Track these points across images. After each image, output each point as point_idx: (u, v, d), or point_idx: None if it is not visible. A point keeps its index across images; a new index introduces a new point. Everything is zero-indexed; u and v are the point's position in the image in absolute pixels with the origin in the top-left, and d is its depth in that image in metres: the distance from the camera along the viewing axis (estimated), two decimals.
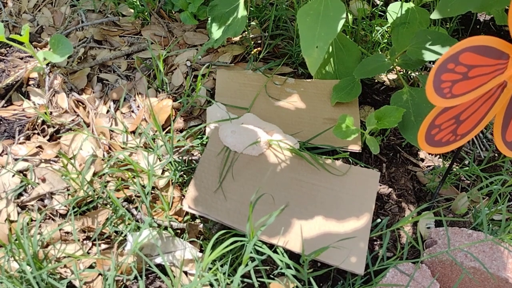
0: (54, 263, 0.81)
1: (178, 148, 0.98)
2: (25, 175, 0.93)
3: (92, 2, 1.27)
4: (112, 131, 1.02)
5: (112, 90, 1.09)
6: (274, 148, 0.93)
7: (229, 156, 0.91)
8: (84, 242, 0.85)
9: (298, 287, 0.76)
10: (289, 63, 1.15)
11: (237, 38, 1.20)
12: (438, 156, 1.03)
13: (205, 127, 1.00)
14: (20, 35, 1.04)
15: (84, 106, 1.06)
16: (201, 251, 0.85)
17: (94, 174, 0.93)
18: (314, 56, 0.85)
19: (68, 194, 0.90)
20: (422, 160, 1.02)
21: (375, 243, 0.88)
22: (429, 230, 0.86)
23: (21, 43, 1.10)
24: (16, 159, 0.94)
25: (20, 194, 0.90)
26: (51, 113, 1.03)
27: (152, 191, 0.91)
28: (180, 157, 0.95)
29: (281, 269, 0.78)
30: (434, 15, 0.88)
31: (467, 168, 0.98)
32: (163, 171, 0.94)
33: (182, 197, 0.91)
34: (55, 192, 0.90)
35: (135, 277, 0.82)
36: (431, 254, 0.80)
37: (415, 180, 0.99)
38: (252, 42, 1.19)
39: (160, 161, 0.95)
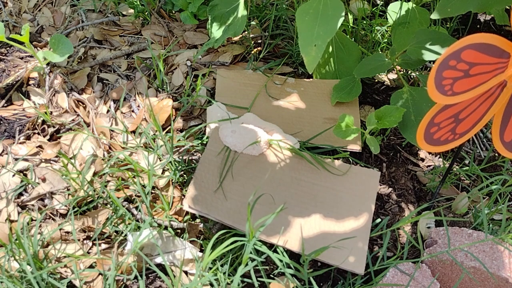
0: (54, 263, 0.81)
1: (178, 148, 0.98)
2: (25, 175, 0.93)
3: (92, 1, 1.27)
4: (112, 130, 1.02)
5: (112, 90, 1.09)
6: (274, 147, 0.93)
7: (229, 156, 0.91)
8: (84, 242, 0.85)
9: (298, 287, 0.76)
10: (289, 62, 1.15)
11: (237, 38, 1.20)
12: (438, 155, 1.03)
13: (205, 127, 1.00)
14: (20, 34, 1.04)
15: (84, 105, 1.06)
16: (201, 250, 0.85)
17: (94, 174, 0.93)
18: (312, 55, 0.85)
19: (68, 194, 0.90)
20: (422, 159, 1.02)
21: (375, 243, 0.88)
22: (429, 230, 0.86)
23: (21, 43, 1.10)
24: (16, 159, 0.94)
25: (20, 194, 0.90)
26: (51, 112, 1.03)
27: (152, 191, 0.91)
28: (180, 157, 0.95)
29: (281, 269, 0.78)
30: (434, 15, 0.88)
31: (467, 167, 0.98)
32: (163, 171, 0.94)
33: (182, 197, 0.91)
34: (55, 192, 0.90)
35: (135, 277, 0.82)
36: (431, 254, 0.80)
37: (415, 179, 0.99)
38: (252, 42, 1.19)
39: (160, 160, 0.95)
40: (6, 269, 0.75)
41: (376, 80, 1.14)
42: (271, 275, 0.83)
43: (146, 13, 1.25)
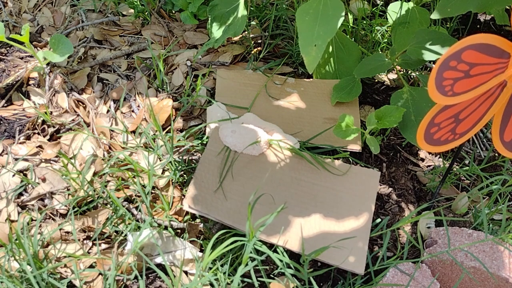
0: (54, 263, 0.81)
1: (178, 148, 0.98)
2: (25, 175, 0.93)
3: (92, 1, 1.27)
4: (112, 130, 1.02)
5: (112, 90, 1.09)
6: (274, 147, 0.93)
7: (229, 156, 0.91)
8: (84, 241, 0.85)
9: (298, 287, 0.76)
10: (289, 62, 1.15)
11: (237, 38, 1.20)
12: (438, 155, 1.03)
13: (205, 126, 1.00)
14: (20, 34, 1.04)
15: (84, 105, 1.06)
16: (201, 250, 0.85)
17: (94, 173, 0.93)
18: (312, 55, 0.85)
19: (68, 194, 0.90)
20: (422, 159, 1.02)
21: (375, 242, 0.88)
22: (429, 230, 0.86)
23: (21, 43, 1.10)
24: (16, 159, 0.94)
25: (20, 194, 0.90)
26: (51, 112, 1.03)
27: (152, 191, 0.91)
28: (180, 157, 0.95)
29: (281, 268, 0.78)
30: (434, 15, 0.88)
31: (467, 167, 0.98)
32: (163, 171, 0.94)
33: (182, 197, 0.91)
34: (55, 192, 0.90)
35: (135, 277, 0.82)
36: (431, 254, 0.80)
37: (415, 179, 0.99)
38: (252, 42, 1.19)
39: (160, 160, 0.95)
40: (6, 269, 0.75)
41: (376, 80, 1.15)
42: (271, 275, 0.83)
43: (146, 13, 1.25)
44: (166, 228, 0.86)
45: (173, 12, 1.27)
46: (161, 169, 0.94)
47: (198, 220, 0.88)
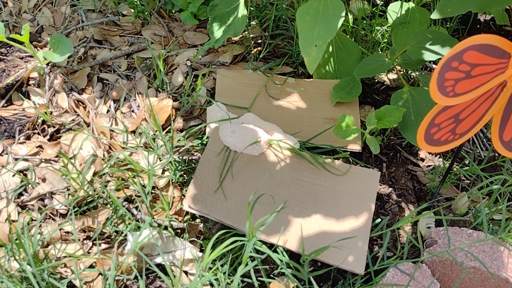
0: (54, 263, 0.81)
1: (178, 148, 0.98)
2: (25, 175, 0.93)
3: (92, 1, 1.27)
4: (112, 130, 1.02)
5: (112, 90, 1.09)
6: (274, 147, 0.93)
7: (229, 156, 0.91)
8: (84, 241, 0.85)
9: (298, 287, 0.76)
10: (289, 62, 1.15)
11: (237, 38, 1.20)
12: (438, 155, 1.03)
13: (205, 126, 1.00)
14: (21, 34, 1.04)
15: (84, 105, 1.06)
16: (201, 250, 0.85)
17: (94, 173, 0.93)
18: (312, 55, 0.85)
19: (68, 194, 0.90)
20: (422, 159, 1.02)
21: (375, 242, 0.88)
22: (429, 230, 0.86)
23: (21, 43, 1.10)
24: (16, 159, 0.94)
25: (21, 194, 0.90)
26: (51, 112, 1.03)
27: (152, 191, 0.91)
28: (180, 157, 0.95)
29: (281, 268, 0.78)
30: (434, 15, 0.88)
31: (467, 167, 0.98)
32: (163, 171, 0.94)
33: (182, 197, 0.91)
34: (55, 192, 0.90)
35: (135, 277, 0.82)
36: (431, 254, 0.80)
37: (415, 179, 0.99)
38: (252, 42, 1.19)
39: (160, 160, 0.95)
40: (6, 269, 0.75)
41: (376, 80, 1.15)
42: (271, 275, 0.83)
43: (146, 13, 1.25)
44: (166, 228, 0.86)
45: (173, 12, 1.27)
46: (161, 169, 0.94)
47: (198, 220, 0.88)
